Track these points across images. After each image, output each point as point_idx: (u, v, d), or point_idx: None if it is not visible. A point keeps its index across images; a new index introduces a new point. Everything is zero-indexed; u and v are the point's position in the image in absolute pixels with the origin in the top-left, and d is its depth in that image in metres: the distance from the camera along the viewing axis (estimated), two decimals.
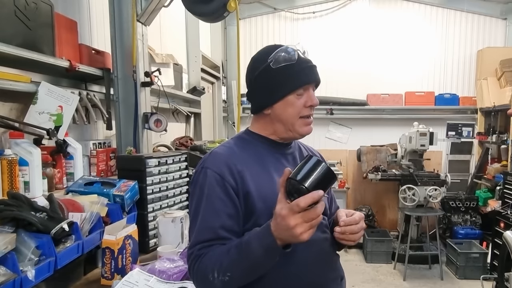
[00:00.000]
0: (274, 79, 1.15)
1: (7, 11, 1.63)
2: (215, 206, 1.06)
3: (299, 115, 1.16)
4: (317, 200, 0.89)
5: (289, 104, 1.15)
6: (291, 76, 1.14)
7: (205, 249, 1.04)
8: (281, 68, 1.13)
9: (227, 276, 0.97)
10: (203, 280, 1.03)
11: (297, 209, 0.88)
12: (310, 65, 1.18)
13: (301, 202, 0.88)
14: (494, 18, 5.84)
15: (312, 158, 0.93)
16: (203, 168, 1.12)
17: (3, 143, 1.68)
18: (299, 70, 1.14)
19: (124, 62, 2.35)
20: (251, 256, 0.96)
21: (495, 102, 5.03)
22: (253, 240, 0.96)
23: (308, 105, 1.16)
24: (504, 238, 2.92)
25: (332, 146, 6.02)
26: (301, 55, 1.16)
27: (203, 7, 2.28)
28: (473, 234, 4.89)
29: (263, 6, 6.00)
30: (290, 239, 0.92)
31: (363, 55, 5.94)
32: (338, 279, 1.22)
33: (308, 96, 1.16)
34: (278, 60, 1.14)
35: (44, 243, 1.28)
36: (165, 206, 2.14)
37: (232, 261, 0.98)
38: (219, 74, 5.48)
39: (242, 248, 0.97)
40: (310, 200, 0.88)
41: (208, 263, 1.01)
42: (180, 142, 3.34)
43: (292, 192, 0.91)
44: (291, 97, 1.14)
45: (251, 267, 0.99)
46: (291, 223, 0.89)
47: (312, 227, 0.91)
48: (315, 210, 0.89)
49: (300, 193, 0.89)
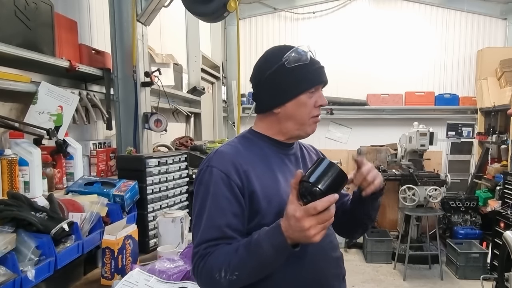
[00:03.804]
0: (288, 78, 1.15)
1: (7, 11, 1.63)
2: (221, 204, 1.06)
3: (310, 115, 1.18)
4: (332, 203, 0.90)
5: (301, 104, 1.16)
6: (305, 76, 1.15)
7: (211, 248, 1.03)
8: (296, 68, 1.15)
9: (235, 275, 0.97)
10: (208, 279, 1.02)
11: (314, 212, 0.89)
12: (321, 66, 1.21)
13: (318, 206, 0.88)
14: (494, 18, 5.84)
15: (324, 160, 0.94)
16: (209, 166, 1.11)
17: (3, 143, 1.68)
18: (312, 70, 1.17)
19: (124, 62, 2.35)
20: (261, 256, 0.96)
21: (495, 102, 5.03)
22: (263, 240, 0.96)
23: (318, 105, 1.18)
24: (504, 238, 2.92)
25: (332, 146, 6.02)
26: (312, 56, 1.19)
27: (203, 7, 2.29)
28: (473, 234, 4.88)
29: (263, 6, 6.01)
30: (302, 240, 0.93)
31: (363, 55, 5.94)
32: (340, 276, 1.23)
33: (318, 96, 1.18)
34: (293, 59, 1.15)
35: (44, 243, 1.28)
36: (165, 206, 2.14)
37: (241, 260, 0.98)
38: (219, 74, 5.48)
39: (251, 247, 0.97)
40: (327, 204, 0.89)
41: (215, 262, 1.00)
42: (180, 142, 3.34)
43: (306, 194, 0.91)
44: (304, 96, 1.16)
45: (260, 266, 0.99)
46: (306, 225, 0.89)
47: (325, 229, 0.92)
48: (329, 212, 0.90)
49: (313, 195, 0.90)
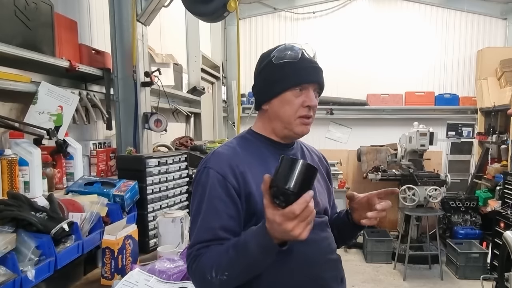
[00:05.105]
0: (274, 74, 1.16)
1: (7, 11, 1.63)
2: (216, 206, 1.06)
3: (296, 114, 1.15)
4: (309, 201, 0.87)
5: (285, 101, 1.15)
6: (290, 73, 1.14)
7: (203, 249, 1.04)
8: (282, 64, 1.14)
9: (225, 275, 0.98)
10: (201, 279, 1.04)
11: (293, 216, 0.86)
12: (313, 65, 1.16)
13: (296, 210, 0.85)
14: (494, 18, 5.84)
15: (285, 159, 0.89)
16: (206, 167, 1.12)
17: (3, 143, 1.68)
18: (300, 68, 1.14)
19: (124, 62, 2.35)
20: (248, 256, 0.96)
21: (495, 102, 5.03)
22: (249, 240, 0.97)
23: (306, 105, 1.14)
24: (504, 238, 2.92)
25: (332, 146, 6.02)
26: (305, 54, 1.15)
27: (203, 7, 2.29)
28: (473, 234, 4.88)
29: (263, 6, 6.00)
30: (289, 239, 0.92)
31: (363, 55, 5.94)
32: (338, 278, 1.22)
33: (307, 96, 1.15)
34: (280, 56, 1.15)
35: (44, 243, 1.28)
36: (165, 206, 2.14)
37: (230, 260, 0.98)
38: (219, 74, 5.47)
39: (239, 247, 0.98)
40: (304, 205, 0.86)
41: (207, 262, 1.01)
42: (180, 142, 3.33)
43: (278, 195, 0.88)
44: (289, 94, 1.14)
45: (249, 266, 0.99)
46: (289, 227, 0.87)
47: (309, 223, 0.90)
48: (308, 209, 0.87)
49: (285, 195, 0.86)
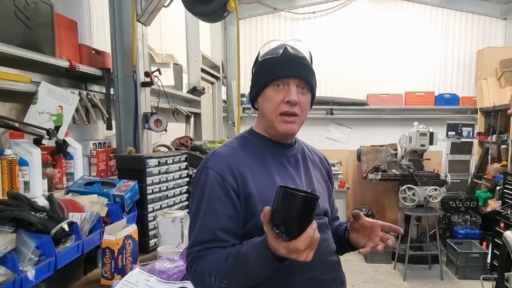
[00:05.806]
0: (258, 71, 1.17)
1: (7, 11, 1.63)
2: (215, 207, 1.06)
3: (277, 111, 1.12)
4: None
5: (267, 98, 1.14)
6: (268, 69, 1.13)
7: (203, 251, 1.04)
8: (265, 61, 1.15)
9: (224, 283, 0.98)
10: (200, 282, 1.04)
11: (297, 250, 0.86)
12: (294, 60, 1.12)
13: (300, 246, 0.86)
14: (494, 18, 5.84)
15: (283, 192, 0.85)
16: (205, 168, 1.11)
17: (3, 143, 1.68)
18: (279, 62, 1.12)
19: (124, 62, 2.35)
20: (248, 269, 0.96)
21: (495, 102, 5.03)
22: (250, 254, 0.96)
23: (286, 100, 1.11)
24: (504, 238, 2.92)
25: (332, 146, 6.02)
26: (288, 50, 1.13)
27: (203, 7, 2.29)
28: (473, 234, 4.89)
29: (263, 6, 6.00)
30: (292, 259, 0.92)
31: (363, 55, 5.94)
32: (337, 280, 1.21)
33: (286, 90, 1.11)
34: (264, 53, 1.16)
35: (44, 243, 1.28)
36: (165, 206, 2.14)
37: (229, 269, 0.98)
38: (219, 74, 5.47)
39: (239, 259, 0.97)
40: (308, 240, 0.86)
41: (206, 267, 1.01)
42: (180, 142, 3.33)
43: (278, 225, 0.86)
44: (269, 90, 1.14)
45: (248, 277, 0.99)
46: (293, 257, 0.88)
47: (314, 248, 0.90)
48: (312, 240, 0.87)
49: (287, 227, 0.85)
